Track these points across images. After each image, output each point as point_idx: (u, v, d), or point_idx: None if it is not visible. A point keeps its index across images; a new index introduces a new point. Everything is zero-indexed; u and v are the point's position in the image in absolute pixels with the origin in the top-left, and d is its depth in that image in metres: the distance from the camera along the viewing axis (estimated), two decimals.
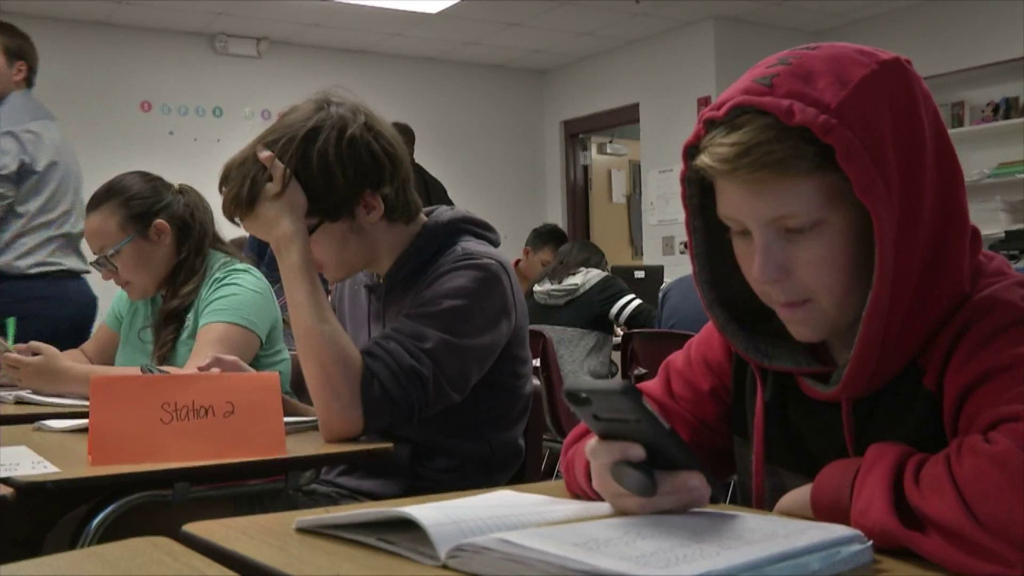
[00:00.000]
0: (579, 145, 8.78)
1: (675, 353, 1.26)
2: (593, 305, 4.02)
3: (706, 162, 0.98)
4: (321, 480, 1.75)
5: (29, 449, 1.43)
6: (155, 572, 0.80)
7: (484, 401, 1.72)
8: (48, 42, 6.80)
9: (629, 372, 3.57)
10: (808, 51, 0.99)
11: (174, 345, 2.26)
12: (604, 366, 4.03)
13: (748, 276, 1.04)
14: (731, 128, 0.96)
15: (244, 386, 1.42)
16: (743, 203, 0.98)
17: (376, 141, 1.64)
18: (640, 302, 4.05)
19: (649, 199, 7.76)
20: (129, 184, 2.30)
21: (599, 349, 4.01)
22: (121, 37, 6.98)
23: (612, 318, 4.05)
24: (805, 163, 0.94)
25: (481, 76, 8.43)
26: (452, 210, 1.80)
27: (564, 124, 8.69)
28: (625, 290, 4.09)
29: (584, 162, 8.81)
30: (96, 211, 2.27)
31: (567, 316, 3.99)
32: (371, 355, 1.56)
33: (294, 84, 7.43)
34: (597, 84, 8.27)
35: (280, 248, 1.58)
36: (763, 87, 0.96)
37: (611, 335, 4.12)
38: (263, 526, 0.97)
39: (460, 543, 0.80)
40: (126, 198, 2.27)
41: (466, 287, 1.62)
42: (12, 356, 2.12)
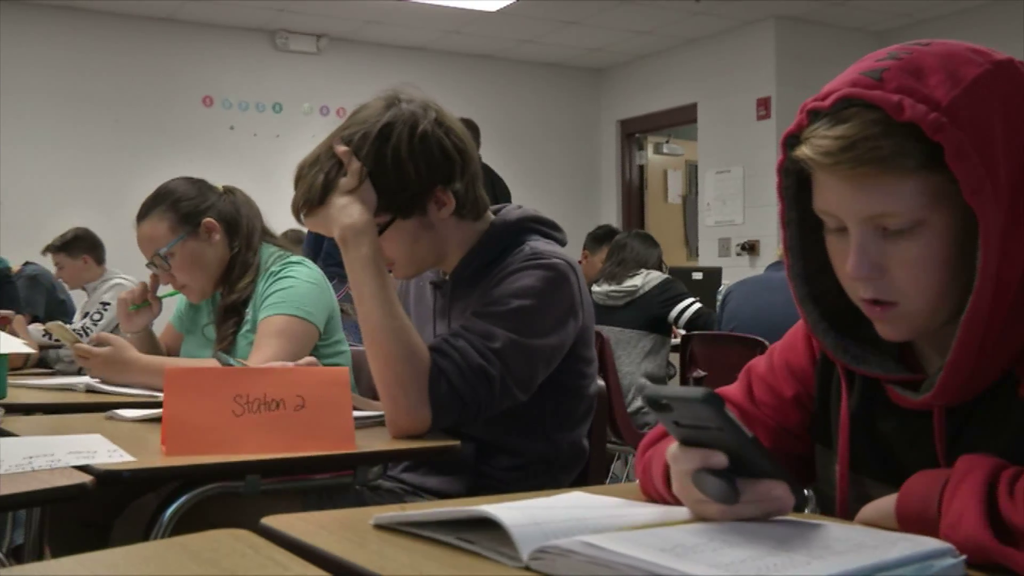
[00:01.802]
0: (635, 145, 8.73)
1: (757, 358, 1.24)
2: (652, 307, 3.99)
3: (807, 153, 0.96)
4: (386, 476, 1.75)
5: (104, 437, 1.45)
6: (239, 564, 0.81)
7: (549, 401, 1.71)
8: (114, 37, 6.94)
9: (688, 375, 3.54)
10: (920, 47, 0.97)
11: (234, 339, 2.28)
12: (661, 368, 4.00)
13: (839, 273, 1.02)
14: (836, 120, 0.95)
15: (314, 380, 1.42)
16: (842, 198, 0.96)
17: (447, 137, 1.64)
18: (700, 305, 4.01)
19: (706, 200, 7.69)
20: (174, 188, 2.34)
21: (656, 351, 3.98)
22: (185, 33, 7.08)
23: (671, 321, 4.02)
24: (910, 161, 0.92)
25: (537, 74, 8.42)
26: (520, 209, 1.80)
27: (620, 123, 8.65)
28: (685, 293, 4.06)
29: (640, 162, 8.75)
30: (146, 218, 2.31)
31: (625, 318, 3.97)
32: (440, 352, 1.56)
33: (353, 81, 7.49)
34: (654, 83, 8.21)
35: (348, 240, 1.57)
36: (872, 80, 0.94)
37: (669, 337, 4.09)
38: (340, 521, 0.97)
39: (543, 545, 0.80)
40: (173, 201, 2.30)
41: (534, 287, 1.61)
42: (81, 346, 2.16)
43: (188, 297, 2.38)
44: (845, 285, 1.03)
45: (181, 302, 2.51)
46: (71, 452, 1.31)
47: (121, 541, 2.06)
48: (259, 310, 2.19)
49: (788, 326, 3.37)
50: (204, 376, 1.39)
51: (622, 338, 3.93)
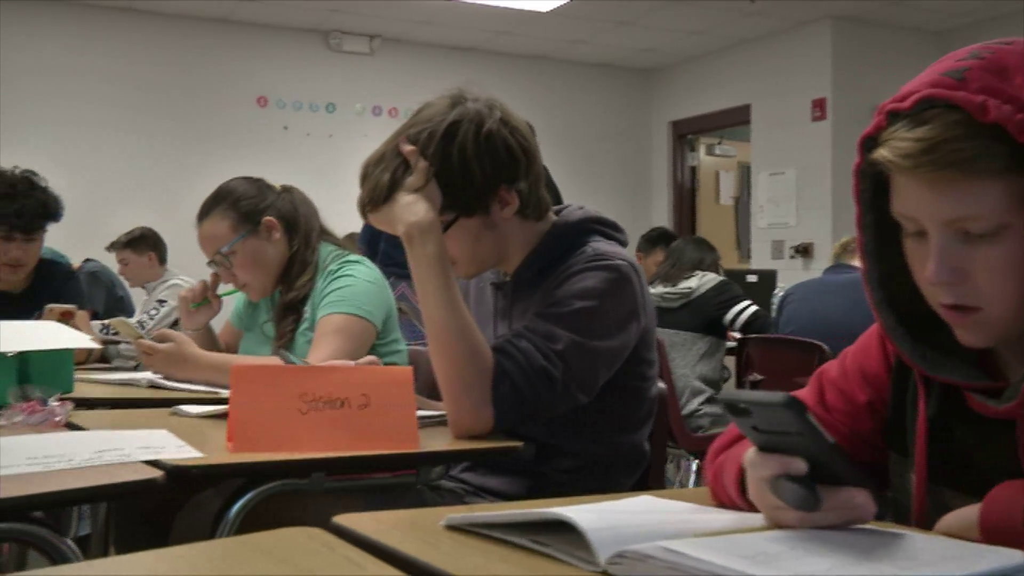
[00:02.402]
0: (687, 146, 8.66)
1: (828, 362, 1.22)
2: (708, 309, 3.96)
3: (886, 156, 0.94)
4: (446, 476, 1.75)
5: (170, 433, 1.46)
6: (314, 563, 0.81)
7: (610, 403, 1.69)
8: (170, 39, 7.03)
9: (744, 378, 3.50)
10: (1003, 45, 0.94)
11: (293, 337, 2.29)
12: (716, 371, 3.96)
13: (918, 277, 0.99)
14: (917, 122, 0.92)
15: (379, 379, 1.42)
16: (922, 202, 0.94)
17: (512, 136, 1.64)
18: (757, 308, 3.96)
19: (759, 202, 7.62)
20: (234, 187, 2.36)
21: (711, 354, 3.94)
22: (239, 34, 7.16)
23: (727, 324, 3.98)
24: (995, 163, 0.89)
25: (589, 75, 8.39)
26: (582, 209, 1.79)
27: (672, 125, 8.59)
28: (741, 295, 4.01)
29: (692, 163, 8.69)
30: (207, 217, 2.33)
31: (680, 320, 3.93)
32: (503, 353, 1.55)
33: (405, 81, 7.53)
34: (707, 84, 8.15)
35: (414, 238, 1.56)
36: (954, 80, 0.91)
37: (724, 340, 4.05)
38: (410, 521, 0.97)
39: (620, 550, 0.78)
40: (234, 200, 2.32)
41: (597, 288, 1.60)
42: (144, 342, 2.18)
43: (248, 295, 2.40)
44: (924, 290, 1.01)
45: (240, 300, 2.53)
46: (140, 447, 1.32)
47: (182, 536, 2.09)
48: (318, 308, 2.21)
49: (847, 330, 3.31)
50: (270, 373, 1.40)
51: (676, 340, 3.90)
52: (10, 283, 2.88)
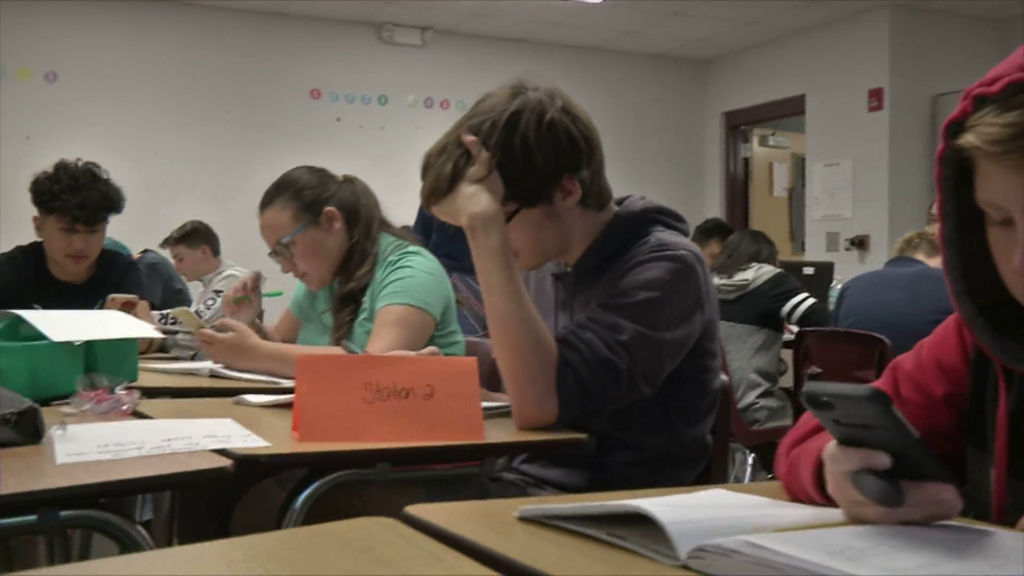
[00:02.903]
0: (740, 137, 8.58)
1: (903, 355, 1.19)
2: (764, 301, 3.91)
3: (972, 142, 0.91)
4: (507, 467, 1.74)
5: (235, 422, 1.47)
6: (391, 553, 0.80)
7: (672, 395, 1.67)
8: (224, 32, 7.10)
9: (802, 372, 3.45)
10: None
11: (351, 327, 2.30)
12: (773, 364, 3.91)
13: (1003, 268, 0.96)
14: (1005, 107, 0.89)
15: (443, 370, 1.42)
16: (1010, 190, 0.91)
17: (574, 125, 1.62)
18: (814, 300, 3.90)
19: (814, 193, 7.52)
20: (297, 177, 2.37)
21: (768, 347, 3.89)
22: (293, 27, 7.21)
23: (784, 316, 3.93)
24: None
25: (641, 66, 8.34)
26: (643, 200, 1.77)
27: (725, 115, 8.51)
28: (798, 288, 3.96)
29: (745, 154, 8.60)
30: (269, 207, 2.34)
31: (736, 312, 3.89)
32: (567, 344, 1.54)
33: (457, 73, 7.54)
34: (761, 74, 8.05)
35: (477, 229, 1.56)
36: None
37: (781, 333, 3.99)
38: (482, 512, 0.96)
39: (701, 544, 0.77)
40: (296, 190, 2.33)
41: (661, 279, 1.58)
42: (206, 332, 2.20)
43: (308, 285, 2.41)
44: (1008, 280, 0.97)
45: (299, 289, 2.55)
46: (207, 436, 1.33)
47: (244, 524, 2.11)
48: (377, 299, 2.21)
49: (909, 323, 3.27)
50: (335, 363, 1.40)
51: (732, 333, 3.86)
52: (73, 274, 2.92)
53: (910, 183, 6.84)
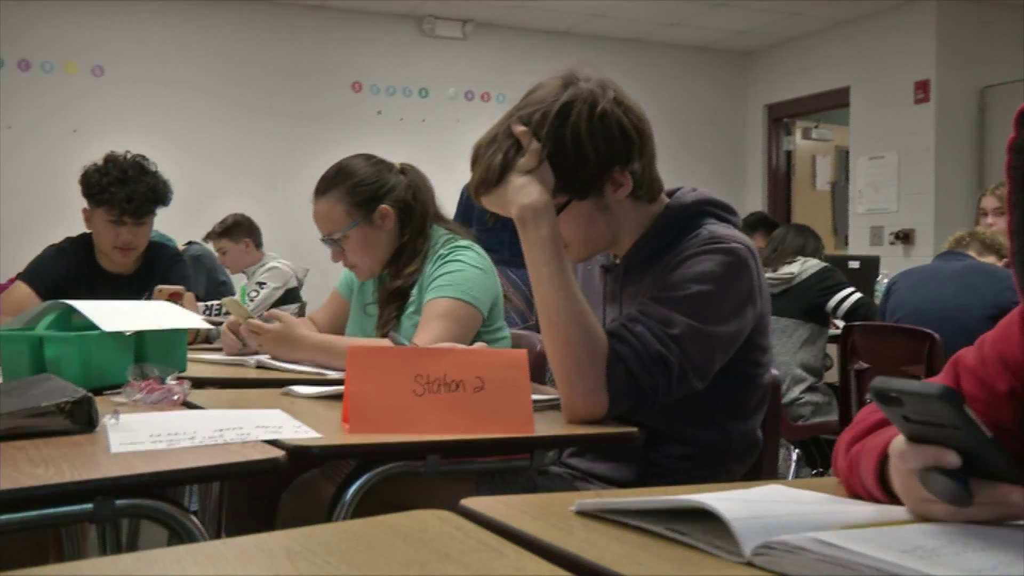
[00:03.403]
0: (783, 130, 8.49)
1: (964, 349, 1.16)
2: (809, 296, 3.86)
3: None
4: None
5: (284, 413, 1.47)
6: (451, 546, 0.79)
7: (723, 389, 1.65)
8: (267, 25, 7.14)
9: (849, 366, 3.41)
10: None
11: (398, 321, 2.30)
12: (818, 359, 3.87)
13: None
14: None
15: (494, 362, 1.41)
16: None
17: (626, 116, 1.60)
18: (861, 295, 3.85)
19: (857, 187, 7.42)
20: (355, 169, 2.35)
21: (813, 341, 3.85)
22: (335, 20, 7.23)
23: (829, 311, 3.88)
24: None
25: (683, 58, 8.28)
26: (695, 191, 1.75)
27: (768, 108, 8.42)
28: (844, 282, 3.90)
29: (787, 147, 8.51)
30: (324, 196, 2.33)
31: (781, 306, 3.84)
32: (617, 337, 1.52)
33: (498, 66, 7.52)
34: (804, 66, 7.96)
35: (527, 220, 1.54)
36: None
37: (826, 327, 3.94)
38: (539, 505, 0.95)
39: (767, 540, 0.75)
40: (352, 184, 2.31)
41: (714, 272, 1.56)
42: (253, 322, 2.21)
43: (356, 276, 2.41)
44: None
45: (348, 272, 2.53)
46: (258, 426, 1.33)
47: (290, 515, 2.11)
48: (425, 291, 2.21)
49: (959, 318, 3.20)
50: (386, 355, 1.40)
51: (777, 327, 3.81)
52: (121, 265, 2.95)
53: (957, 176, 6.73)
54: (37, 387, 1.41)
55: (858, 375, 3.37)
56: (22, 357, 1.75)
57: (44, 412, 1.28)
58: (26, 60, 6.48)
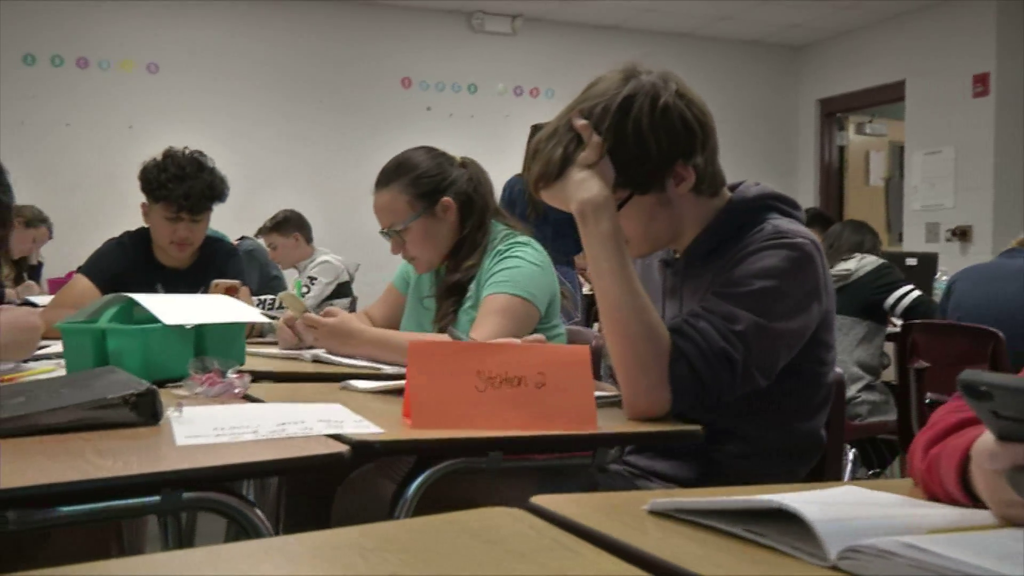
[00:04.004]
0: (835, 125, 8.38)
1: None
2: (866, 293, 3.79)
3: None
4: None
5: (344, 407, 1.46)
6: (526, 545, 0.78)
7: (787, 387, 1.62)
8: (317, 22, 7.18)
9: (908, 365, 3.34)
10: None
11: (456, 315, 2.29)
12: (875, 357, 3.79)
13: None
14: None
15: (556, 358, 1.39)
16: None
17: (688, 109, 1.58)
18: (920, 293, 3.77)
19: (913, 182, 7.30)
20: (417, 162, 2.34)
21: (870, 339, 3.78)
22: (385, 16, 7.25)
23: (887, 308, 3.80)
24: None
25: (734, 53, 8.20)
26: (758, 186, 1.71)
27: (820, 103, 8.32)
28: (902, 279, 3.83)
29: (840, 142, 8.40)
30: (386, 188, 2.32)
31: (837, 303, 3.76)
32: (680, 334, 1.50)
33: (546, 61, 7.50)
34: (858, 60, 7.85)
35: (587, 215, 1.52)
36: None
37: (884, 325, 3.87)
38: (610, 504, 0.93)
39: (853, 544, 0.73)
40: (415, 176, 2.31)
41: (778, 267, 1.52)
42: (310, 317, 2.21)
43: (415, 268, 2.41)
44: None
45: (405, 264, 2.52)
46: (320, 420, 1.33)
47: (344, 510, 2.12)
48: (483, 287, 2.19)
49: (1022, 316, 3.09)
50: (447, 350, 1.38)
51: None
52: (177, 260, 2.97)
53: (1017, 171, 6.59)
54: (102, 379, 1.42)
55: (918, 374, 3.31)
56: (85, 349, 1.76)
57: (110, 404, 1.29)
58: (84, 58, 6.58)
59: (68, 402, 1.28)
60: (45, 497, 0.99)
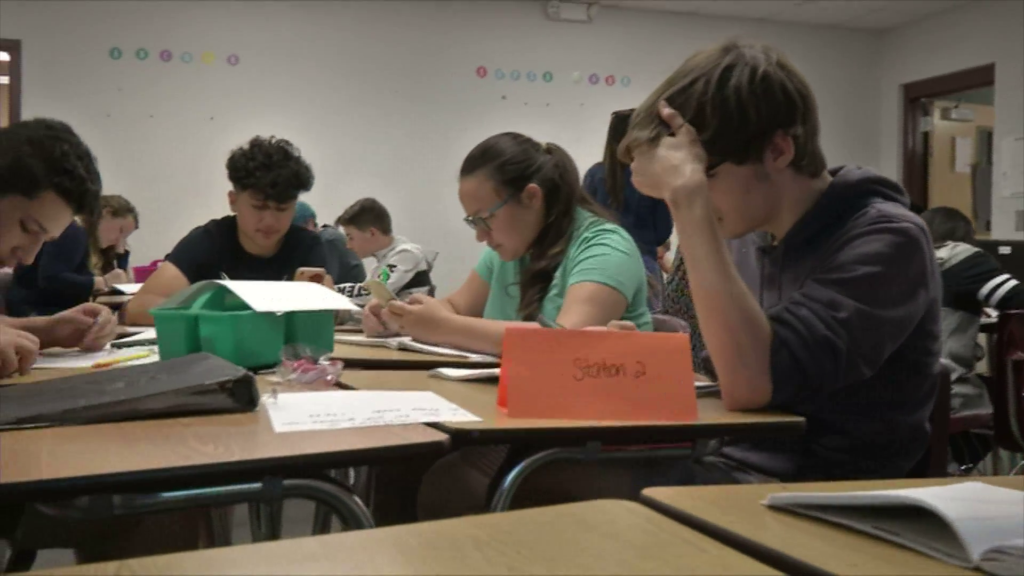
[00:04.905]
0: (920, 110, 8.15)
1: None
2: (959, 282, 3.67)
3: None
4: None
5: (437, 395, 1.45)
6: (647, 540, 0.75)
7: (890, 378, 1.56)
8: (394, 11, 7.21)
9: (1005, 357, 3.23)
10: None
11: (541, 303, 2.27)
12: (968, 348, 3.67)
13: None
14: None
15: (655, 347, 1.36)
16: None
17: (789, 80, 1.54)
18: (1016, 282, 3.64)
19: (1002, 169, 7.07)
20: (503, 148, 2.32)
21: (963, 330, 3.66)
22: (460, 5, 7.25)
23: (982, 298, 3.68)
24: None
25: (815, 37, 8.02)
26: (860, 169, 1.65)
27: (904, 88, 8.10)
28: (997, 268, 3.69)
29: (924, 128, 8.17)
30: (471, 175, 2.30)
31: None
32: (781, 322, 1.45)
33: (622, 48, 7.42)
34: (944, 43, 7.62)
35: (680, 201, 1.49)
36: None
37: (978, 316, 3.74)
38: (724, 497, 0.90)
39: (998, 545, 0.69)
40: (500, 163, 2.28)
41: (884, 253, 1.47)
42: (396, 304, 2.21)
43: (500, 255, 2.39)
44: None
45: (489, 251, 2.50)
46: (416, 408, 1.31)
47: (429, 498, 2.11)
48: (569, 275, 2.17)
49: None
50: (544, 338, 1.36)
51: None
52: (263, 248, 2.99)
53: None
54: (198, 365, 1.42)
55: (1015, 366, 3.19)
56: (178, 336, 1.78)
57: (207, 390, 1.29)
58: (167, 51, 6.70)
59: (167, 387, 1.28)
60: (150, 482, 0.99)
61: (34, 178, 1.87)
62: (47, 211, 1.91)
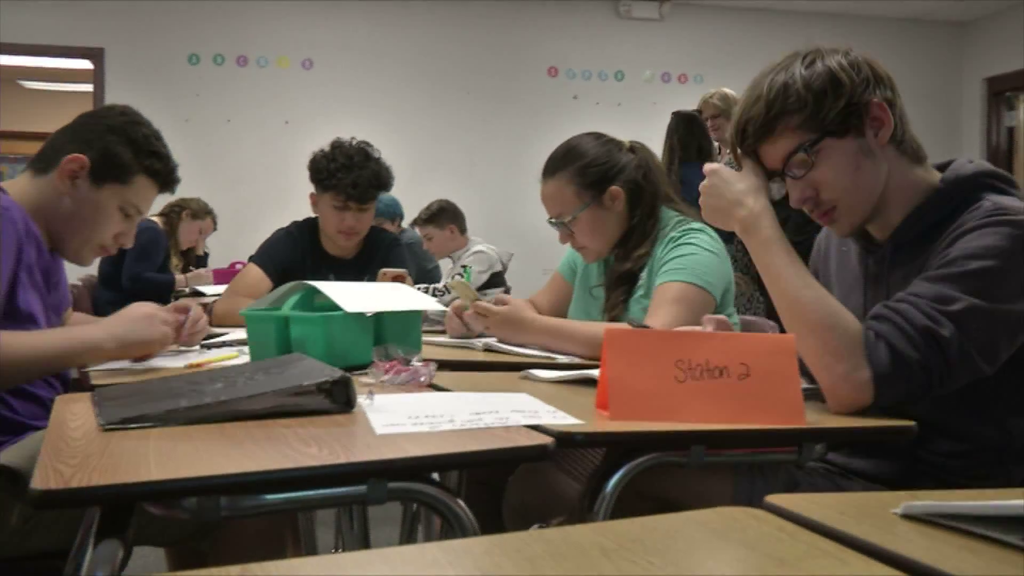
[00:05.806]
0: (1004, 105, 7.91)
1: None
2: None
3: None
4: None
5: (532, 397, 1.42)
6: (782, 549, 0.71)
7: (1006, 380, 1.49)
8: (465, 12, 7.21)
9: None
10: None
11: (626, 304, 2.23)
12: None
13: None
14: None
15: (759, 348, 1.31)
16: None
17: (876, 66, 1.57)
18: None
19: None
20: (585, 149, 2.28)
21: None
22: (531, 5, 7.23)
23: None
24: None
25: (894, 31, 7.84)
26: (972, 163, 1.59)
27: (987, 81, 7.88)
28: None
29: (1009, 123, 7.93)
30: (553, 178, 2.28)
31: None
32: (877, 317, 1.41)
33: (695, 46, 7.34)
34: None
35: (748, 229, 1.56)
36: None
37: None
38: (854, 505, 0.86)
39: None
40: (582, 165, 2.25)
41: (999, 246, 1.40)
42: (481, 304, 2.19)
43: (584, 258, 2.36)
44: None
45: (573, 254, 2.47)
46: (514, 410, 1.29)
47: (516, 500, 2.09)
48: (656, 275, 2.13)
49: None
50: (645, 339, 1.33)
51: None
52: (344, 249, 3.01)
53: None
54: (294, 366, 1.42)
55: None
56: (269, 337, 1.78)
57: (305, 391, 1.28)
58: (244, 56, 6.80)
59: (266, 388, 1.28)
60: (257, 484, 0.98)
61: (125, 165, 1.91)
62: (141, 194, 1.96)
